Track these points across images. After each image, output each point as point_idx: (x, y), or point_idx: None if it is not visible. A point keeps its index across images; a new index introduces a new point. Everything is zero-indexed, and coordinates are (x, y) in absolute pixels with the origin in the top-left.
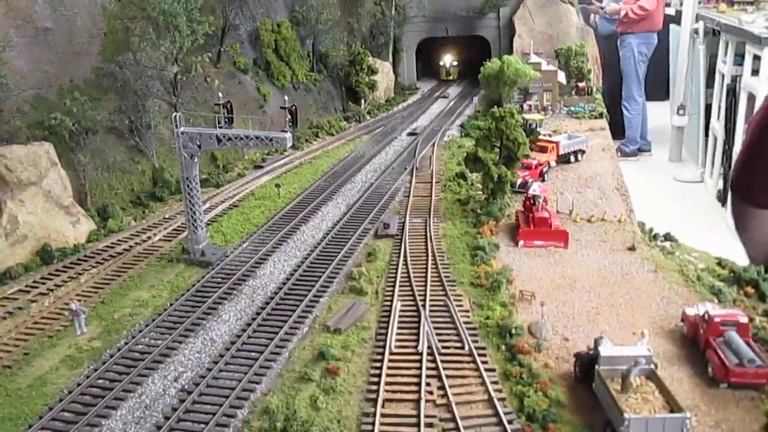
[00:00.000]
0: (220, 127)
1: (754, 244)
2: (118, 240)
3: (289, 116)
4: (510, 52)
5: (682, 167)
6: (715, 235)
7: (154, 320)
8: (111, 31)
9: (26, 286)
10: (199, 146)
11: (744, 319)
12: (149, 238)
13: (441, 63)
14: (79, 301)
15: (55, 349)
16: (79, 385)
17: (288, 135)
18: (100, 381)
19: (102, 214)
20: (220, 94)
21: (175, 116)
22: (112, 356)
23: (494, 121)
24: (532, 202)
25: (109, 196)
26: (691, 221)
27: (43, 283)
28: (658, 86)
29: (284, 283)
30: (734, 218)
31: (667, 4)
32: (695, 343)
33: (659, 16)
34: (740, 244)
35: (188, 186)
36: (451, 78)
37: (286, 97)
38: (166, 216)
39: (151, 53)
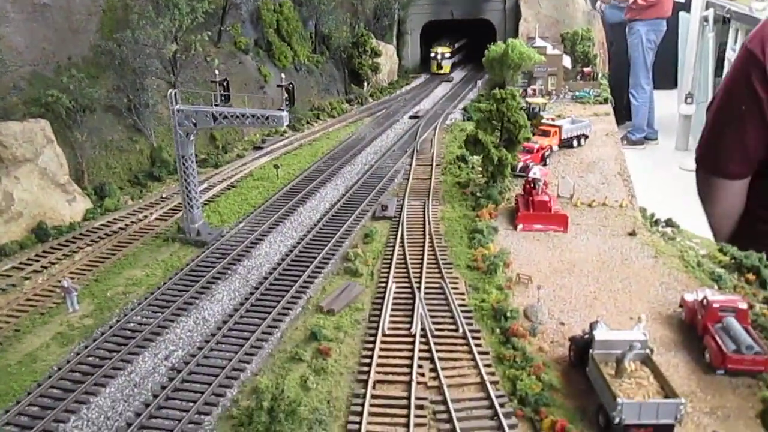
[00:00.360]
0: (216, 105)
1: (720, 216)
2: (114, 219)
3: (286, 94)
4: (515, 35)
5: (689, 156)
6: None
7: (146, 299)
8: (110, 9)
9: (20, 263)
10: (195, 124)
11: (743, 305)
12: (145, 217)
13: (432, 54)
14: (73, 278)
15: (47, 326)
16: (68, 362)
17: (284, 114)
18: (90, 358)
19: (99, 193)
20: (217, 72)
21: (171, 93)
22: (103, 334)
23: (495, 103)
24: (532, 185)
25: (106, 174)
26: (696, 210)
27: (37, 261)
28: (666, 74)
29: (279, 264)
30: (701, 192)
31: None
32: (693, 329)
33: (668, 3)
34: (706, 217)
35: (184, 164)
36: (442, 72)
37: (283, 75)
38: (163, 195)
39: (150, 31)
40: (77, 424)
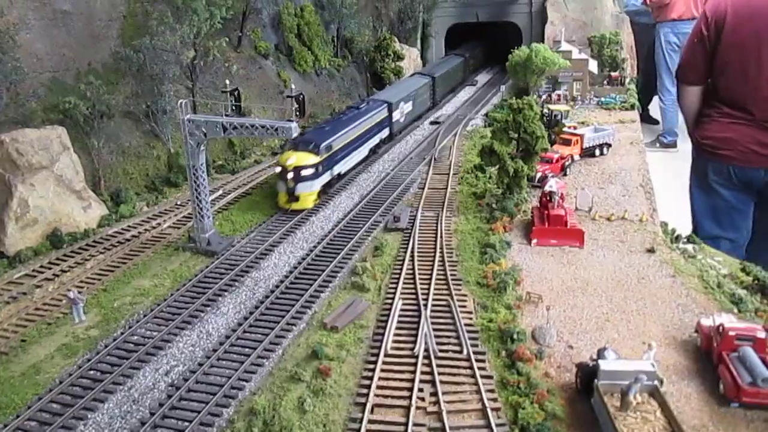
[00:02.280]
0: (227, 115)
1: (687, 109)
2: (128, 226)
3: (296, 105)
4: (542, 39)
5: None
6: None
7: (152, 310)
8: (130, 14)
9: (33, 270)
10: (205, 134)
11: (762, 335)
12: (158, 224)
13: (278, 168)
14: (82, 288)
15: (53, 336)
16: (70, 375)
17: (293, 125)
18: (91, 372)
19: (115, 199)
20: (228, 82)
21: (181, 103)
22: (107, 346)
23: (512, 113)
24: (548, 198)
25: (123, 180)
26: None
27: (50, 269)
28: None
29: (287, 276)
30: (678, 95)
31: None
32: (709, 356)
33: (681, 4)
34: (680, 110)
35: (194, 174)
36: (297, 207)
37: (294, 86)
38: (178, 202)
39: (168, 37)
40: None
